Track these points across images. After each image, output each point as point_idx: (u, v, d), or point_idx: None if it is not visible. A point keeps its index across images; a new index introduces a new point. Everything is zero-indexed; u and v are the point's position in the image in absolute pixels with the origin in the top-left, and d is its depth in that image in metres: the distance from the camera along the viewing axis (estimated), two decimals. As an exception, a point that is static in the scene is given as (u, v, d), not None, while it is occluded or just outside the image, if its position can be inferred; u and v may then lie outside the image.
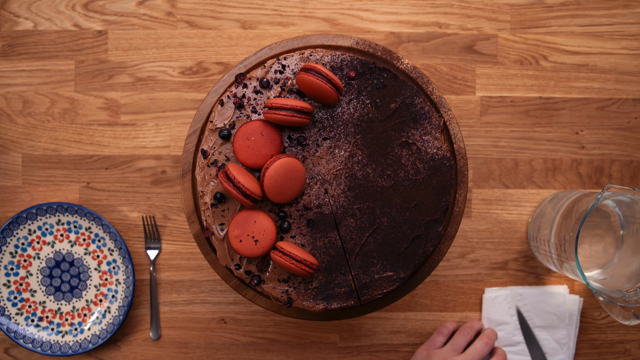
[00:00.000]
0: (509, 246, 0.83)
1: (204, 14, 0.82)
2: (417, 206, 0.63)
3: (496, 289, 0.82)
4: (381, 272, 0.63)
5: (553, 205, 0.77)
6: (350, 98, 0.63)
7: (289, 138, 0.63)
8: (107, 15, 0.82)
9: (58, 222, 0.81)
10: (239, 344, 0.83)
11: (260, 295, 0.66)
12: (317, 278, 0.63)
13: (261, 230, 0.61)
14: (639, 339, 0.84)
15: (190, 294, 0.83)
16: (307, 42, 0.66)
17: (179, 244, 0.83)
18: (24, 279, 0.82)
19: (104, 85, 0.82)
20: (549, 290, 0.81)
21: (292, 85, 0.63)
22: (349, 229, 0.63)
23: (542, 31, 0.83)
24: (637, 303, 0.67)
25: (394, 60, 0.66)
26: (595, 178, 0.83)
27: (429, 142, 0.64)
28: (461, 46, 0.83)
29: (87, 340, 0.81)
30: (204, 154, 0.63)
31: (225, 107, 0.63)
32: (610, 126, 0.84)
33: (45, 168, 0.83)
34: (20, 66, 0.82)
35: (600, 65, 0.83)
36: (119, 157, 0.83)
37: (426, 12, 0.83)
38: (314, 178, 0.63)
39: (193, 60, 0.82)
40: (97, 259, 0.82)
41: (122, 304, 0.81)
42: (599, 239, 0.77)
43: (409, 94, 0.64)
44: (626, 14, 0.83)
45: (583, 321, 0.83)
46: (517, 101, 0.83)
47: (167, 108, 0.83)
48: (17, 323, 0.81)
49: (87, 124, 0.83)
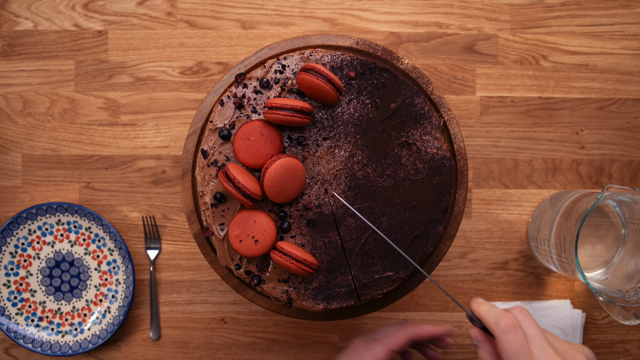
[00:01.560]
0: (509, 246, 0.83)
1: (204, 14, 0.82)
2: (417, 206, 0.63)
3: (500, 304, 0.82)
4: (381, 272, 0.63)
5: (553, 205, 0.77)
6: (350, 98, 0.63)
7: (289, 138, 0.63)
8: (107, 15, 0.82)
9: (58, 222, 0.81)
10: (239, 344, 0.83)
11: (260, 295, 0.66)
12: (317, 278, 0.63)
13: (261, 230, 0.61)
14: (639, 339, 0.84)
15: (190, 294, 0.83)
16: (307, 42, 0.66)
17: (179, 244, 0.83)
18: (24, 279, 0.82)
19: (104, 85, 0.82)
20: (553, 304, 0.81)
21: (292, 85, 0.63)
22: (349, 229, 0.63)
23: (542, 31, 0.83)
24: (637, 303, 0.67)
25: (394, 60, 0.66)
26: (595, 178, 0.83)
27: (429, 142, 0.64)
28: (461, 46, 0.83)
29: (87, 340, 0.81)
30: (204, 154, 0.62)
31: (225, 107, 0.63)
32: (610, 126, 0.84)
33: (45, 168, 0.83)
34: (20, 66, 0.82)
35: (600, 65, 0.83)
36: (119, 157, 0.82)
37: (426, 12, 0.83)
38: (314, 178, 0.63)
39: (193, 60, 0.82)
40: (97, 259, 0.82)
41: (122, 304, 0.81)
42: (599, 239, 0.77)
43: (409, 94, 0.64)
44: (626, 14, 0.83)
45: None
46: (517, 101, 0.83)
47: (167, 108, 0.83)
48: (17, 323, 0.81)
49: (87, 124, 0.83)
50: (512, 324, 0.50)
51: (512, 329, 0.50)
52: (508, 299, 0.83)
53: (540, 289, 0.83)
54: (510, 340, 0.49)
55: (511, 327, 0.50)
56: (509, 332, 0.49)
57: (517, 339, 0.49)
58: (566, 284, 0.83)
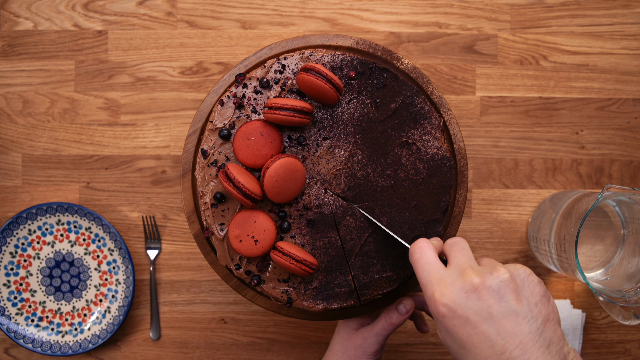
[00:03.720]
0: (509, 246, 0.83)
1: (204, 14, 0.82)
2: (417, 206, 0.63)
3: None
4: (381, 272, 0.63)
5: (553, 205, 0.77)
6: (350, 98, 0.63)
7: (289, 138, 0.63)
8: (107, 15, 0.82)
9: (58, 222, 0.81)
10: (239, 344, 0.83)
11: (260, 295, 0.66)
12: (317, 278, 0.63)
13: (261, 230, 0.61)
14: (639, 339, 0.84)
15: (190, 294, 0.83)
16: (307, 42, 0.66)
17: (179, 244, 0.83)
18: (24, 279, 0.82)
19: (104, 85, 0.82)
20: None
21: (292, 85, 0.63)
22: (349, 229, 0.63)
23: (542, 31, 0.83)
24: (637, 303, 0.67)
25: (394, 60, 0.66)
26: (595, 178, 0.83)
27: (429, 142, 0.64)
28: (461, 46, 0.83)
29: (87, 340, 0.81)
30: (204, 154, 0.62)
31: (225, 107, 0.63)
32: (610, 126, 0.84)
33: (45, 168, 0.83)
34: (20, 66, 0.82)
35: (600, 65, 0.83)
36: (119, 157, 0.83)
37: (426, 12, 0.83)
38: (314, 178, 0.63)
39: (193, 60, 0.82)
40: (97, 259, 0.82)
41: (122, 304, 0.81)
42: (599, 239, 0.77)
43: (409, 94, 0.64)
44: (626, 14, 0.83)
45: (583, 321, 0.83)
46: (517, 101, 0.83)
47: (167, 108, 0.83)
48: (17, 323, 0.81)
49: (87, 124, 0.83)
50: (420, 245, 0.52)
51: (418, 249, 0.52)
52: (508, 299, 0.83)
53: (540, 289, 0.83)
54: (416, 260, 0.51)
55: (417, 248, 0.52)
56: (415, 252, 0.52)
57: (423, 256, 0.51)
58: (566, 284, 0.83)
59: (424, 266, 0.50)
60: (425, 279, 0.49)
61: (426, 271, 0.50)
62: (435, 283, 0.49)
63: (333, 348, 0.66)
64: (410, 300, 0.63)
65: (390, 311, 0.63)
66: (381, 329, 0.63)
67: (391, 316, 0.63)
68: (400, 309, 0.63)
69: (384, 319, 0.63)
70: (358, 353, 0.64)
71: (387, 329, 0.63)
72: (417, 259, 0.51)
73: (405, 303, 0.63)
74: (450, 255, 0.51)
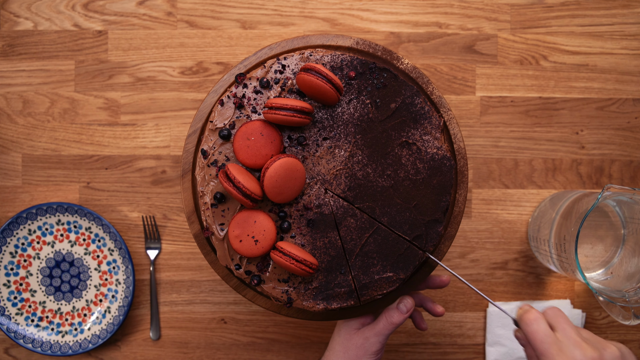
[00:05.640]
0: (509, 246, 0.83)
1: (204, 14, 0.82)
2: (417, 206, 0.63)
3: (500, 303, 0.82)
4: (381, 273, 0.63)
5: (553, 205, 0.77)
6: (350, 98, 0.63)
7: (289, 138, 0.63)
8: (107, 15, 0.82)
9: (58, 222, 0.81)
10: (239, 344, 0.83)
11: (260, 295, 0.66)
12: (317, 278, 0.63)
13: (261, 230, 0.61)
14: (639, 339, 0.84)
15: (190, 294, 0.83)
16: (307, 42, 0.66)
17: (179, 244, 0.83)
18: (24, 279, 0.82)
19: (104, 85, 0.82)
20: (553, 304, 0.81)
21: (292, 85, 0.63)
22: (349, 229, 0.63)
23: (542, 31, 0.83)
24: (637, 303, 0.67)
25: (394, 60, 0.66)
26: (595, 178, 0.83)
27: (429, 142, 0.64)
28: (461, 46, 0.83)
29: (87, 340, 0.81)
30: (204, 154, 0.62)
31: (225, 107, 0.63)
32: (610, 126, 0.84)
33: (45, 168, 0.83)
34: (20, 66, 0.82)
35: (600, 65, 0.83)
36: (119, 157, 0.83)
37: (426, 12, 0.83)
38: (314, 178, 0.63)
39: (193, 60, 0.82)
40: (97, 259, 0.82)
41: (122, 304, 0.81)
42: (600, 239, 0.77)
43: (409, 94, 0.64)
44: (626, 14, 0.83)
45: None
46: (517, 101, 0.83)
47: (167, 108, 0.83)
48: (17, 323, 0.81)
49: (87, 124, 0.83)
50: (534, 316, 0.56)
51: (534, 321, 0.56)
52: (508, 299, 0.83)
53: (540, 289, 0.83)
54: (533, 331, 0.55)
55: (533, 320, 0.56)
56: (531, 323, 0.56)
57: (540, 328, 0.55)
58: (566, 284, 0.83)
59: (543, 338, 0.55)
60: (546, 350, 0.55)
61: (547, 343, 0.55)
62: (556, 354, 0.54)
63: (333, 348, 0.66)
64: (411, 299, 0.65)
65: (391, 310, 0.64)
66: (382, 328, 0.64)
67: (392, 315, 0.64)
68: (401, 308, 0.64)
69: (384, 318, 0.64)
70: (359, 353, 0.64)
71: (388, 328, 0.64)
72: (534, 329, 0.56)
73: (406, 302, 0.64)
74: (558, 327, 0.56)
